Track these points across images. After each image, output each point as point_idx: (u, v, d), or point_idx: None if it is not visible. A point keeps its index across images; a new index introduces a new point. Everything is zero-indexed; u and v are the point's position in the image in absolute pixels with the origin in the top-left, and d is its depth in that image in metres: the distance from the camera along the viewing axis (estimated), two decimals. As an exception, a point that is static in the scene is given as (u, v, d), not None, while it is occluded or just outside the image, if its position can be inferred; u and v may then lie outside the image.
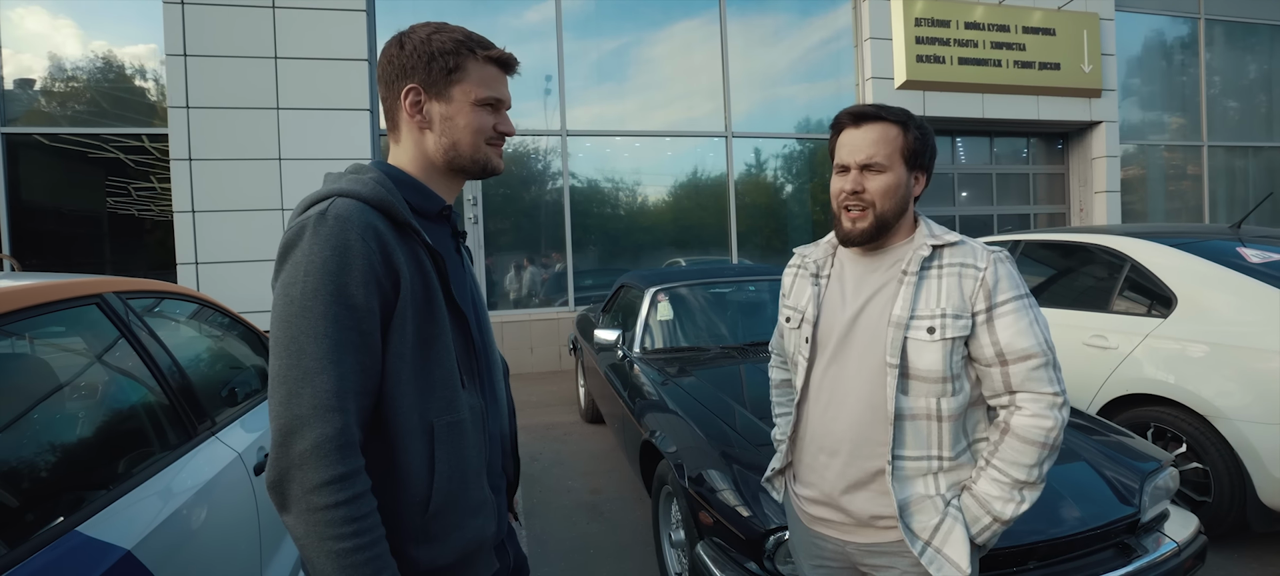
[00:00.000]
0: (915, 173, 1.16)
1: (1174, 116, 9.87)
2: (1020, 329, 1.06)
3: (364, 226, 0.83)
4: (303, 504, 0.76)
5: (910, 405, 1.09)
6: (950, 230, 1.17)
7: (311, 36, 6.16)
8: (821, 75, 8.34)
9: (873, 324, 1.14)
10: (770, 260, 8.09)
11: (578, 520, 3.19)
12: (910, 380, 1.09)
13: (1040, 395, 1.06)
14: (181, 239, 5.91)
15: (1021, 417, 1.06)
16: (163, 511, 1.27)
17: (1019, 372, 1.06)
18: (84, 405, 1.34)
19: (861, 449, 1.13)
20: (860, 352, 1.14)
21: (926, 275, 1.11)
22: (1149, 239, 3.15)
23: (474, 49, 0.95)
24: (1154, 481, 1.92)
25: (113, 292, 1.48)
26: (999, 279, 1.08)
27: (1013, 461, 1.06)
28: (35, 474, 1.14)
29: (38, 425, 1.20)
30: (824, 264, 1.27)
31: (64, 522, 1.06)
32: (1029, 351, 1.06)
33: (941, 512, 1.09)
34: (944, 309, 1.08)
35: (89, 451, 1.28)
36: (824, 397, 1.19)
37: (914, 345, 1.08)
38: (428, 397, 0.88)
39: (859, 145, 1.13)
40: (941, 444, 1.10)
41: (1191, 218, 9.92)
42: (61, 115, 6.30)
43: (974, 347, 1.10)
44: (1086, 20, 8.39)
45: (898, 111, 1.15)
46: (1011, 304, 1.07)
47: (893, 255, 1.17)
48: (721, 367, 3.02)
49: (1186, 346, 2.78)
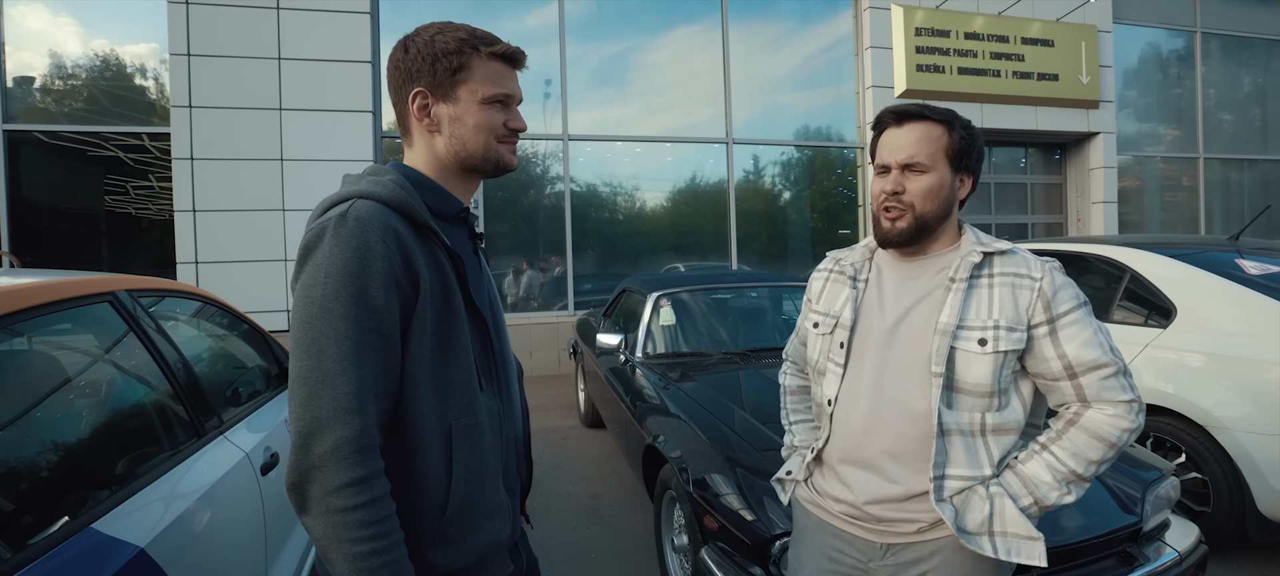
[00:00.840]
0: (960, 175, 1.12)
1: (1170, 128, 9.95)
2: (1085, 339, 1.02)
3: (384, 228, 0.83)
4: (322, 506, 0.76)
5: (955, 418, 1.05)
6: (998, 238, 1.12)
7: (315, 38, 6.17)
8: (822, 83, 8.39)
9: (916, 332, 1.09)
10: (769, 266, 8.11)
11: (578, 524, 3.19)
12: (955, 392, 1.05)
13: (1119, 403, 1.01)
14: (182, 238, 5.90)
15: (1098, 413, 1.02)
16: (173, 510, 1.27)
17: (1092, 383, 1.02)
18: (97, 403, 1.35)
19: (899, 463, 1.08)
20: (902, 362, 1.09)
21: (976, 283, 1.07)
22: (1149, 250, 3.18)
23: (478, 46, 0.94)
24: (1156, 490, 1.93)
25: (124, 290, 1.48)
26: (1057, 289, 1.04)
27: (1075, 453, 1.02)
28: (51, 471, 1.14)
29: (54, 422, 1.20)
30: (861, 268, 1.21)
31: (79, 520, 1.07)
32: (1098, 361, 1.01)
33: (987, 499, 1.04)
34: (997, 320, 1.03)
35: (103, 449, 1.28)
36: (860, 407, 1.13)
37: (962, 356, 1.04)
38: (446, 400, 0.89)
39: (900, 145, 1.09)
40: (990, 460, 1.06)
41: (1187, 229, 9.98)
42: (61, 112, 6.30)
43: (1034, 362, 1.05)
44: (1084, 32, 8.46)
45: (943, 111, 1.10)
46: (1074, 314, 1.03)
47: (938, 261, 1.12)
48: (724, 373, 3.03)
49: (1186, 356, 2.80)
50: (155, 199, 6.48)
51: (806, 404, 1.39)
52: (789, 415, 1.41)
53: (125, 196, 6.45)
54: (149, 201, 6.51)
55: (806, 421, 1.37)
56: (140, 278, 1.61)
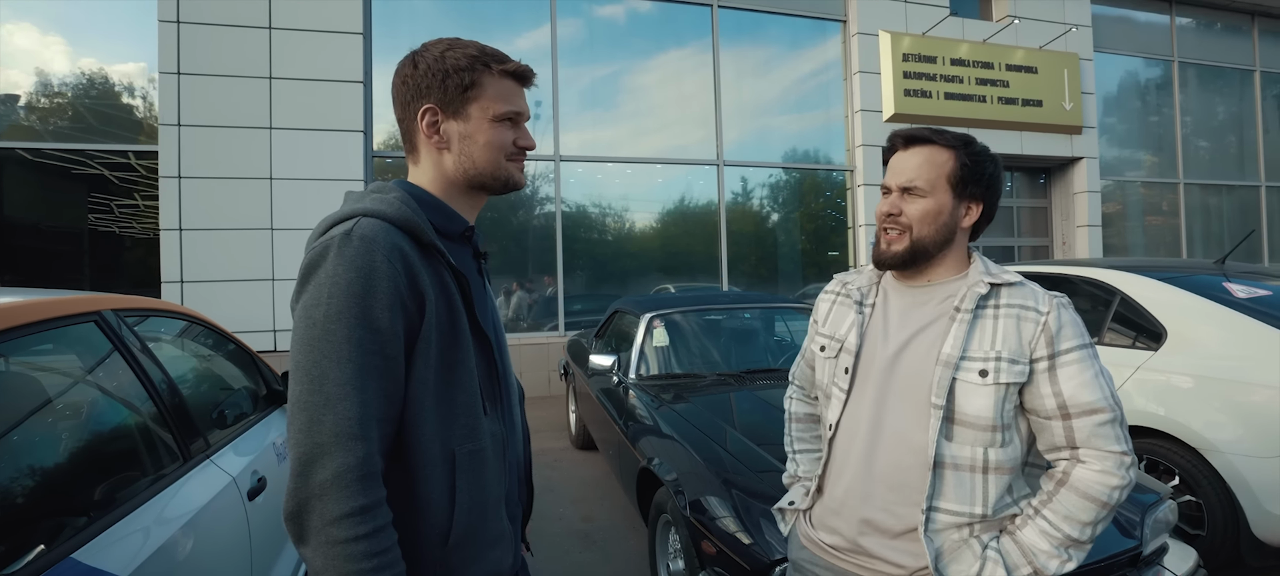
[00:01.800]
0: (966, 202, 1.09)
1: (1150, 154, 10.17)
2: (1085, 381, 0.98)
3: (390, 248, 0.81)
4: (322, 536, 0.73)
5: (954, 452, 1.02)
6: (1008, 269, 1.10)
7: (307, 58, 6.17)
8: (812, 106, 8.50)
9: (918, 361, 1.06)
10: (758, 287, 8.13)
11: (570, 549, 3.13)
12: (955, 425, 1.02)
13: (1107, 453, 0.97)
14: (168, 256, 5.81)
15: (1085, 470, 0.98)
16: (156, 539, 1.23)
17: (1083, 428, 0.98)
18: (79, 426, 1.30)
19: (896, 495, 1.06)
20: (902, 391, 1.07)
21: (981, 314, 1.04)
22: (1139, 273, 3.21)
23: (489, 63, 0.93)
24: (1154, 514, 1.92)
25: (111, 310, 1.44)
26: (1063, 325, 1.01)
27: (1067, 515, 0.98)
28: (28, 497, 1.09)
29: (33, 446, 1.15)
30: (868, 292, 1.20)
31: (57, 550, 1.02)
32: (1095, 405, 0.98)
33: (980, 557, 1.01)
34: (999, 352, 1.01)
35: (84, 474, 1.24)
36: (860, 437, 1.10)
37: (963, 387, 1.01)
38: (450, 424, 0.86)
39: (903, 168, 1.09)
40: (986, 500, 1.02)
41: (1169, 252, 10.16)
42: (46, 130, 6.23)
43: (1031, 398, 1.02)
44: (1067, 60, 8.66)
45: (954, 137, 1.09)
46: (1075, 353, 1.00)
47: (943, 290, 1.11)
48: (717, 394, 3.01)
49: (1176, 379, 2.82)
50: (140, 217, 6.41)
51: (812, 432, 1.36)
52: (793, 443, 1.37)
53: (109, 215, 6.38)
54: (133, 220, 6.43)
55: (811, 452, 1.34)
56: (127, 297, 1.57)
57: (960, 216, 1.10)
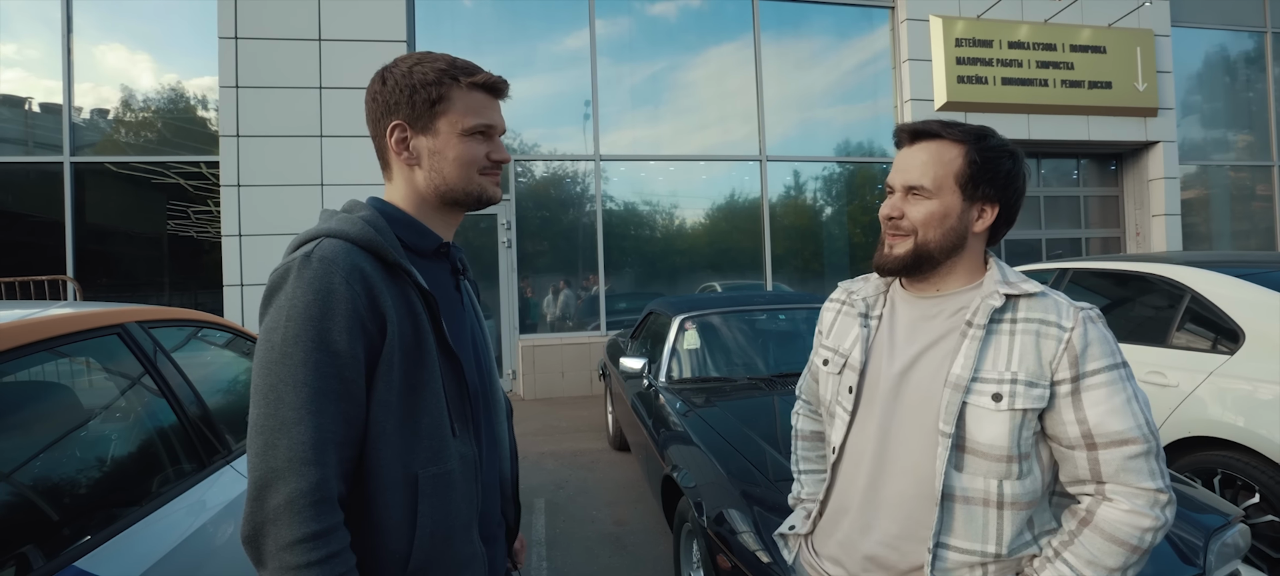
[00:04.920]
0: (977, 204, 0.98)
1: (1240, 134, 9.35)
2: (1114, 406, 0.87)
3: (349, 269, 0.80)
4: (277, 561, 0.73)
5: (964, 485, 0.91)
6: (1030, 278, 0.98)
7: (355, 66, 6.40)
8: (859, 98, 8.22)
9: (925, 382, 0.96)
10: (807, 285, 7.94)
11: (600, 553, 3.12)
12: (966, 454, 0.91)
13: (1139, 490, 0.86)
14: (228, 261, 6.17)
15: (1112, 510, 0.86)
16: (161, 547, 1.26)
17: (1111, 460, 0.87)
18: (94, 437, 1.36)
19: (901, 530, 0.97)
20: (909, 415, 0.97)
21: (996, 330, 0.94)
22: (1210, 268, 2.94)
23: (458, 77, 0.91)
24: (1221, 538, 1.74)
25: (135, 322, 1.51)
26: (1089, 343, 0.89)
27: (1090, 560, 0.86)
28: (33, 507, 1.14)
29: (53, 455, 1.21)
30: (874, 303, 1.09)
31: (59, 559, 1.06)
32: (1125, 435, 0.86)
33: None
34: (1015, 373, 0.90)
35: (95, 483, 1.29)
36: (865, 463, 1.01)
37: (974, 413, 0.90)
38: (413, 447, 0.85)
39: (907, 166, 0.99)
40: (1000, 538, 0.91)
41: (1263, 242, 9.33)
42: (129, 144, 6.74)
43: (1052, 424, 0.91)
44: (1140, 37, 8.06)
45: (964, 131, 0.98)
46: (1104, 375, 0.88)
47: (955, 301, 1.00)
48: (749, 399, 2.93)
49: (1257, 386, 2.56)
50: (213, 223, 6.82)
51: (818, 451, 1.27)
52: (799, 462, 1.29)
53: (186, 221, 6.81)
54: (208, 226, 6.84)
55: (816, 472, 1.25)
56: (153, 309, 1.64)
57: (971, 220, 0.98)
